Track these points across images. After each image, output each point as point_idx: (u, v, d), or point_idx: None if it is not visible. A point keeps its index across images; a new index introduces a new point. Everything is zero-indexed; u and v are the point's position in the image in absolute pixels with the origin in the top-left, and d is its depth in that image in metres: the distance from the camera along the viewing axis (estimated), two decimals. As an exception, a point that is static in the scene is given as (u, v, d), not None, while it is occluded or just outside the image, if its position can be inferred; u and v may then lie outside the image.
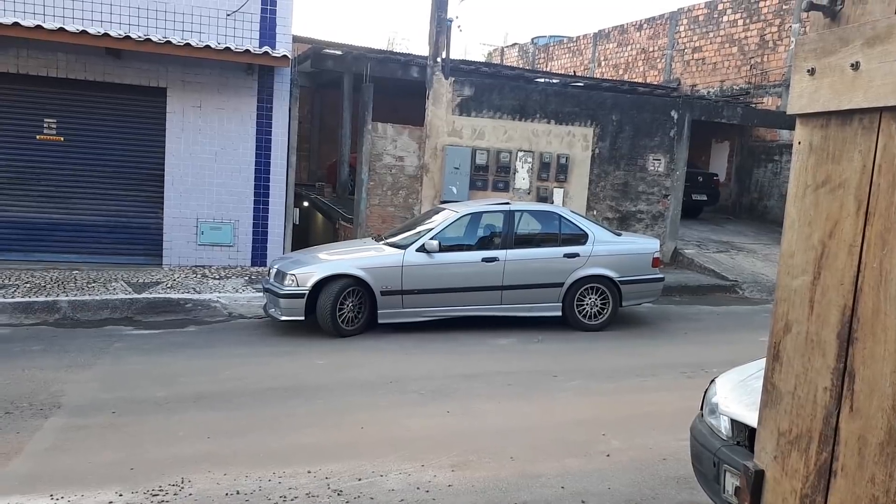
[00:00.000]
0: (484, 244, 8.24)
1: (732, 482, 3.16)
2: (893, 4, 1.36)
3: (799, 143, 1.60)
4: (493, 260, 7.96)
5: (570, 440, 4.88)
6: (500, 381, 6.16)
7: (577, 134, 11.92)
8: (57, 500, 3.80)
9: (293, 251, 9.88)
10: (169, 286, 8.82)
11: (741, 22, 17.19)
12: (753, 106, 15.81)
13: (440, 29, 10.84)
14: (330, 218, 13.39)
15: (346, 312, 7.48)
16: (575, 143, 11.92)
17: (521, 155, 11.59)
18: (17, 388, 5.48)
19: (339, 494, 3.97)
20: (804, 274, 1.57)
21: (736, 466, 3.10)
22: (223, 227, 10.15)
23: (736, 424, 3.37)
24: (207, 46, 9.19)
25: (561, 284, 8.16)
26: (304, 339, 7.38)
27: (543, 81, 14.50)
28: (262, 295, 8.23)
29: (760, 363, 3.59)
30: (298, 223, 11.44)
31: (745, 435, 3.32)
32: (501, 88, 11.67)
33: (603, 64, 22.58)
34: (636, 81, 19.53)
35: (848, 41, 1.44)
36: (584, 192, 12.09)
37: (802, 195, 1.59)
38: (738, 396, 3.47)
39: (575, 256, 8.21)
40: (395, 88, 13.81)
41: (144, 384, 5.74)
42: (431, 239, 7.80)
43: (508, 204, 8.54)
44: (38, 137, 9.61)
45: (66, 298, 7.93)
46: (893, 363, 1.34)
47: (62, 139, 9.69)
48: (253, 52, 9.44)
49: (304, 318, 7.46)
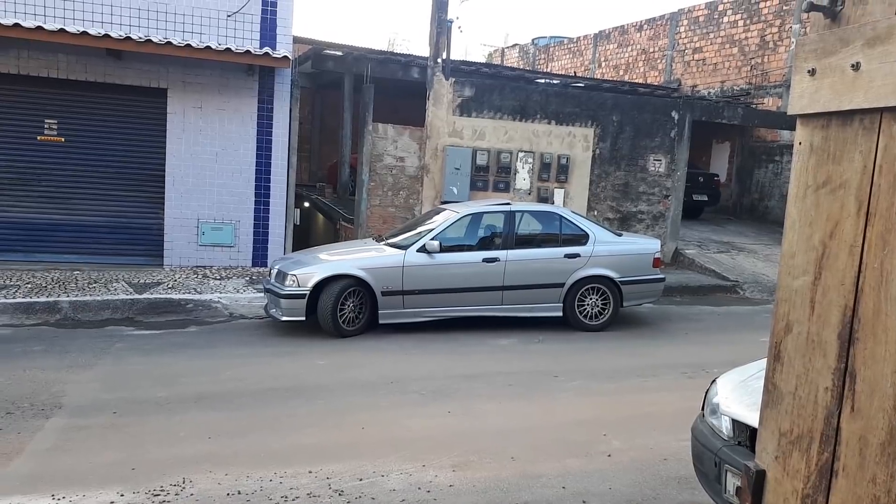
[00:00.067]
0: (485, 244, 8.24)
1: (734, 482, 3.16)
2: (894, 5, 1.36)
3: (800, 143, 1.60)
4: (493, 260, 7.96)
5: (571, 440, 4.88)
6: (500, 381, 6.17)
7: (577, 134, 11.92)
8: (58, 500, 3.80)
9: (294, 252, 9.88)
10: (170, 287, 8.83)
11: (741, 23, 17.20)
12: (754, 106, 15.82)
13: (440, 30, 10.85)
14: (331, 218, 13.39)
15: (346, 313, 7.49)
16: (575, 143, 11.92)
17: (521, 155, 11.59)
18: (18, 388, 5.49)
19: (340, 494, 3.97)
20: (805, 274, 1.57)
21: (737, 466, 3.10)
22: (224, 227, 10.16)
23: (737, 424, 3.37)
24: (208, 47, 9.20)
25: (562, 285, 8.16)
26: (304, 339, 7.39)
27: (544, 82, 14.51)
28: (262, 295, 8.24)
29: (761, 363, 3.59)
30: (299, 224, 11.44)
31: (746, 435, 3.33)
32: (502, 89, 11.67)
33: (603, 64, 22.58)
34: (637, 82, 19.54)
35: (848, 42, 1.44)
36: (584, 192, 12.09)
37: (803, 196, 1.59)
38: (739, 397, 3.48)
39: (576, 257, 8.21)
40: (395, 89, 13.82)
41: (145, 384, 5.75)
42: (432, 239, 7.81)
43: (509, 204, 8.54)
44: (38, 138, 9.62)
45: (67, 299, 7.94)
46: (894, 363, 1.35)
47: (63, 140, 9.70)
48: (253, 52, 9.45)
49: (304, 318, 7.46)
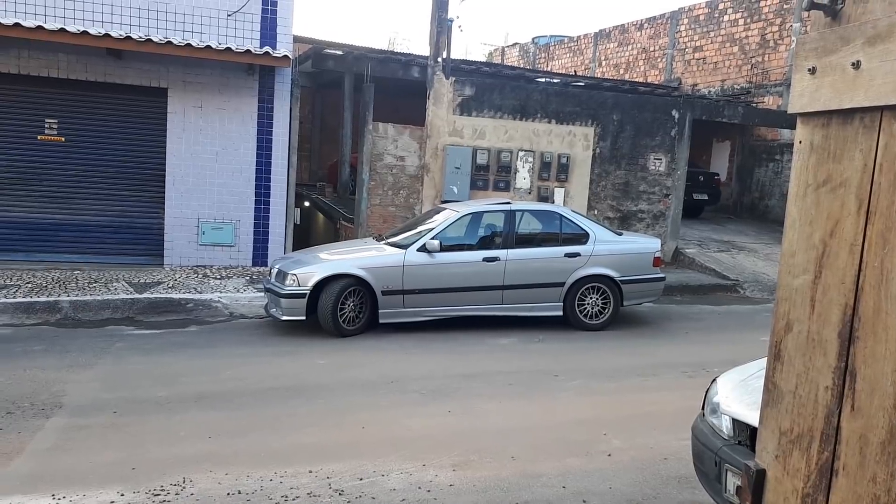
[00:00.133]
0: (485, 244, 8.24)
1: (734, 481, 3.16)
2: (895, 3, 1.36)
3: (800, 142, 1.60)
4: (494, 259, 7.95)
5: (571, 440, 4.88)
6: (501, 380, 6.17)
7: (577, 133, 11.92)
8: (58, 499, 3.80)
9: (294, 251, 9.88)
10: (170, 286, 8.83)
11: (742, 21, 17.19)
12: (754, 105, 15.81)
13: (441, 29, 10.84)
14: (331, 218, 13.39)
15: (347, 312, 7.49)
16: (576, 142, 11.92)
17: (521, 154, 11.59)
18: (18, 388, 5.49)
19: (340, 494, 3.97)
20: (805, 273, 1.57)
21: (737, 466, 3.10)
22: (224, 227, 10.16)
23: (737, 424, 3.37)
24: (208, 47, 9.20)
25: (562, 284, 8.16)
26: (305, 338, 7.39)
27: (544, 81, 14.49)
28: (263, 295, 8.24)
29: (761, 362, 3.59)
30: (299, 223, 11.44)
31: (746, 434, 3.32)
32: (502, 88, 11.66)
33: (604, 63, 22.57)
34: (637, 81, 19.52)
35: (849, 40, 1.44)
36: (584, 191, 12.09)
37: (803, 194, 1.59)
38: (739, 396, 3.48)
39: (576, 256, 8.21)
40: (395, 88, 13.81)
41: (146, 384, 5.75)
42: (432, 239, 7.80)
43: (509, 203, 8.54)
44: (39, 138, 9.62)
45: (67, 298, 7.94)
46: (894, 362, 1.34)
47: (63, 139, 9.70)
48: (254, 52, 9.45)
49: (305, 317, 7.46)
